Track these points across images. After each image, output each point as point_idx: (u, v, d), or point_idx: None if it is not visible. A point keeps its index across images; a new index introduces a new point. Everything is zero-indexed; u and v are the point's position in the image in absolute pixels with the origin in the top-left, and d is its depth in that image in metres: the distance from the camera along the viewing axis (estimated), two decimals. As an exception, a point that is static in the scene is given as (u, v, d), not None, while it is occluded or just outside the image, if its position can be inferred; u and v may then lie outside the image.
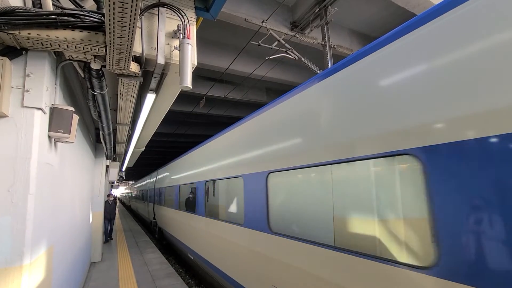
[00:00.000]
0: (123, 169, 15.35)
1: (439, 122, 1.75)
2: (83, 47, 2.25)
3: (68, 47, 2.23)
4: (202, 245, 5.83)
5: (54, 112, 2.41)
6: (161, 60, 2.70)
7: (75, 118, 2.65)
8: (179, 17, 2.75)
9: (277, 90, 12.81)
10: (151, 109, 4.30)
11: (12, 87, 2.10)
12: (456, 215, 1.64)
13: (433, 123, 1.78)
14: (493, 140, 1.50)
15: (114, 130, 5.86)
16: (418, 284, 1.80)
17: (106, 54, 2.30)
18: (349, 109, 2.41)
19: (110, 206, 10.49)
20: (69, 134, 2.50)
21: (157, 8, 2.77)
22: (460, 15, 1.74)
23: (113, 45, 2.14)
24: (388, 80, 2.12)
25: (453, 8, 1.78)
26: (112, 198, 10.85)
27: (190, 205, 6.73)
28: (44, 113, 2.27)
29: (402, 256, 1.98)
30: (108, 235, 10.35)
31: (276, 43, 7.17)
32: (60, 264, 3.20)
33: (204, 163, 5.88)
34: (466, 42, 1.69)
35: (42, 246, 2.34)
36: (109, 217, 10.38)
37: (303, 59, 7.48)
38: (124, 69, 2.54)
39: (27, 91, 2.13)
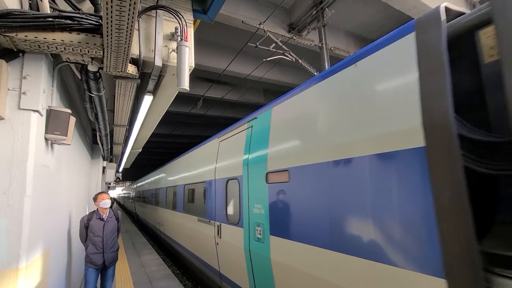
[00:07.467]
0: (120, 170, 15.27)
1: None
2: (80, 50, 2.25)
3: (65, 50, 2.23)
4: None
5: (51, 114, 2.40)
6: (158, 62, 2.70)
7: (72, 120, 2.65)
8: (176, 19, 2.76)
9: (275, 91, 12.82)
10: (149, 111, 4.30)
11: (8, 89, 2.10)
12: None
13: None
14: None
15: (111, 132, 5.84)
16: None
17: (103, 56, 2.30)
18: None
19: (105, 229, 3.81)
20: (66, 136, 2.49)
21: (155, 10, 2.78)
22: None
23: (111, 48, 2.14)
24: None
25: None
26: (109, 206, 3.94)
27: None
28: (41, 115, 2.27)
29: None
30: None
31: (273, 45, 7.20)
32: (56, 266, 3.18)
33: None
34: None
35: (39, 248, 2.33)
36: (101, 261, 3.73)
37: (300, 61, 7.52)
38: (121, 71, 2.54)
39: (24, 93, 2.13)
